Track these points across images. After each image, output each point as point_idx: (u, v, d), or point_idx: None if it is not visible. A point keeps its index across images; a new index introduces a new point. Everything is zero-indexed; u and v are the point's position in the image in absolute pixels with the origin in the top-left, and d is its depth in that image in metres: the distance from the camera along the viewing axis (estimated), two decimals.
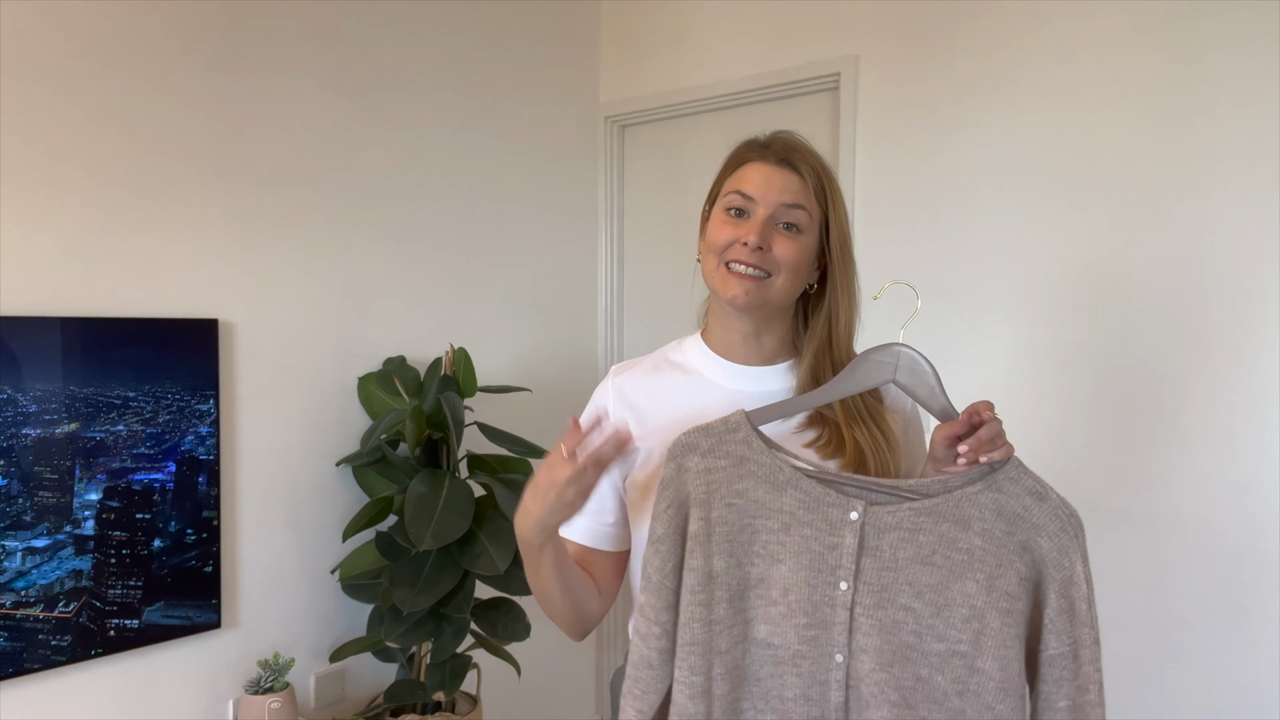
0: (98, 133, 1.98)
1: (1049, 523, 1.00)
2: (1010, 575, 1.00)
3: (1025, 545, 1.00)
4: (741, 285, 1.14)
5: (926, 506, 1.01)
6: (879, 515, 1.01)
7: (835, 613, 1.01)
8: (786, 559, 1.02)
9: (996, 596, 0.99)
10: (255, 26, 2.22)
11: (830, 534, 1.01)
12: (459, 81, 2.66)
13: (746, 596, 1.03)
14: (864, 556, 1.00)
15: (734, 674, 1.03)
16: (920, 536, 1.00)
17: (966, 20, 2.28)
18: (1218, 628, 1.98)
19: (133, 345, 1.98)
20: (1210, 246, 1.98)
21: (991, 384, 2.26)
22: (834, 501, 1.02)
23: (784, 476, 1.03)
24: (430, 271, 2.60)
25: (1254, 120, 1.92)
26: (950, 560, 1.00)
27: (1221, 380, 1.97)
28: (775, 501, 1.03)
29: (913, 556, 1.00)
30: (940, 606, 1.00)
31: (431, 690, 2.26)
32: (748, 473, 1.04)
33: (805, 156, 1.18)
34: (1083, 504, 2.12)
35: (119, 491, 1.97)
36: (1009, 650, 0.99)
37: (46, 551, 1.87)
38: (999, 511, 1.01)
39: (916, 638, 1.00)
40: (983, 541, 1.00)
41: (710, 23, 2.79)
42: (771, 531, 1.02)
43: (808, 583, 1.01)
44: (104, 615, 1.95)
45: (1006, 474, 1.02)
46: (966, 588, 1.00)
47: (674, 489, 1.04)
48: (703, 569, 1.02)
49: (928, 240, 2.35)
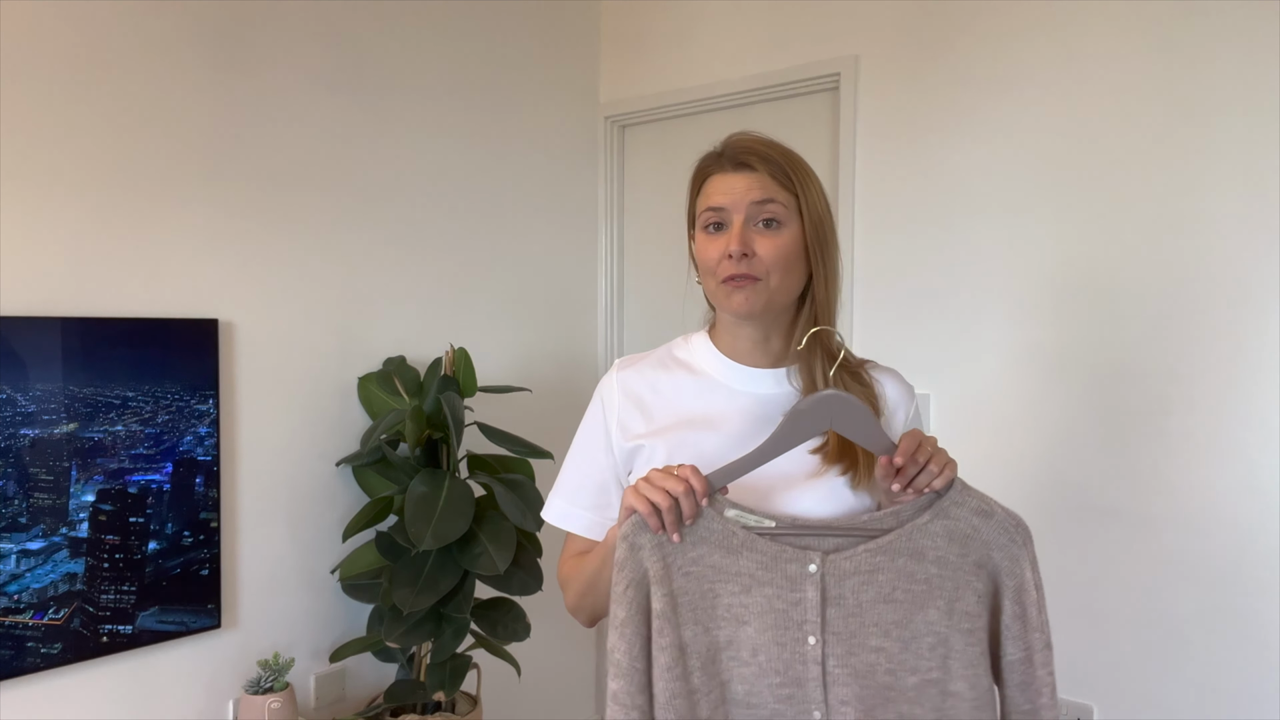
0: (98, 133, 1.98)
1: (998, 536, 1.04)
2: (968, 595, 1.03)
3: (979, 563, 1.03)
4: (740, 294, 1.14)
5: (881, 545, 1.03)
6: (837, 563, 1.02)
7: (807, 669, 1.01)
8: (751, 620, 1.02)
9: (958, 619, 1.02)
10: (255, 26, 2.22)
11: (791, 590, 1.02)
12: (459, 81, 2.66)
13: (719, 659, 1.03)
14: (828, 607, 1.02)
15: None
16: (879, 576, 1.02)
17: (966, 20, 2.28)
18: (1217, 628, 1.98)
19: (133, 345, 1.98)
20: (1210, 247, 1.97)
21: (990, 384, 2.27)
22: (791, 557, 1.02)
23: (737, 541, 1.03)
24: (430, 271, 2.60)
25: (1254, 120, 1.92)
26: (911, 593, 1.02)
27: (1220, 380, 1.97)
28: (733, 565, 1.03)
29: (875, 597, 1.02)
30: (908, 640, 1.02)
31: (431, 690, 2.26)
32: (700, 539, 1.03)
33: (759, 151, 1.17)
34: (1081, 504, 2.13)
35: (116, 493, 1.96)
36: (976, 668, 1.02)
37: (41, 554, 1.86)
38: (950, 536, 1.04)
39: (891, 676, 1.01)
40: (938, 569, 1.03)
41: (710, 23, 2.79)
42: (733, 594, 1.03)
43: (775, 641, 1.01)
44: (98, 620, 1.94)
45: (952, 498, 1.05)
46: (929, 616, 1.02)
47: (630, 569, 1.04)
48: (674, 644, 1.02)
49: (927, 240, 2.35)
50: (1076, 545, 2.15)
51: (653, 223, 3.03)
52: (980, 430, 2.26)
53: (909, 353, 2.33)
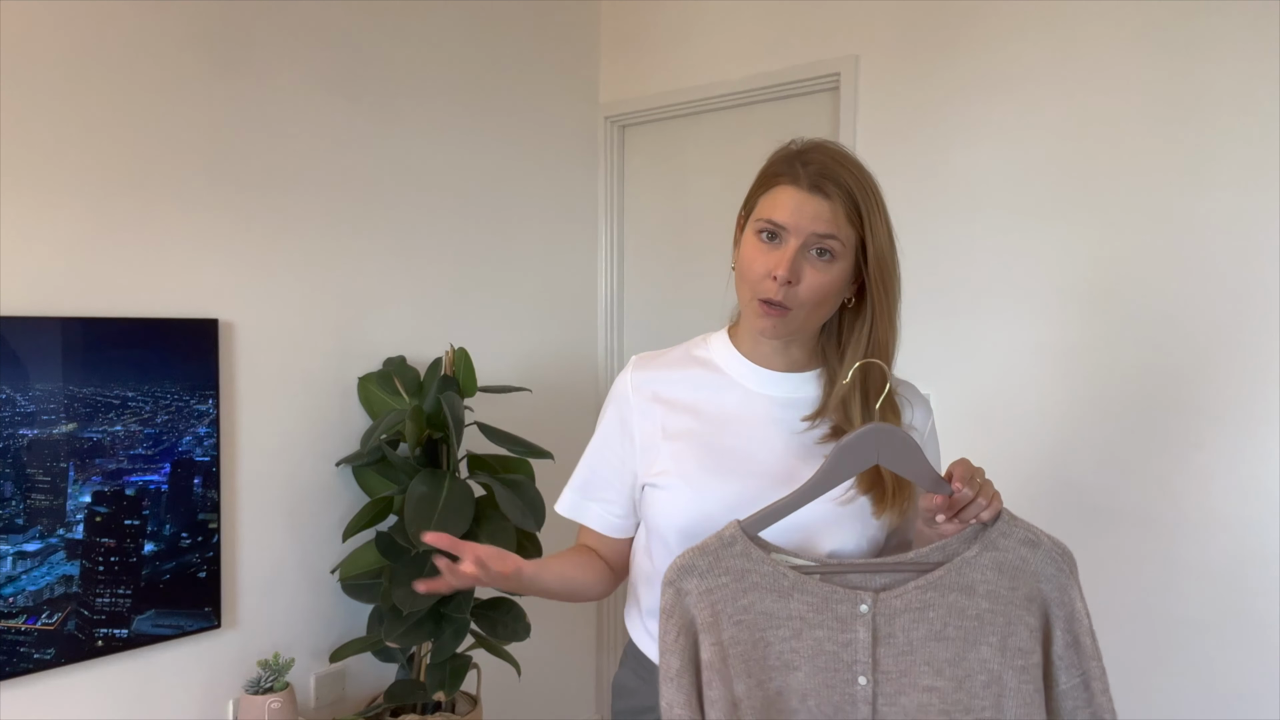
0: (98, 133, 1.98)
1: (1046, 567, 1.02)
2: (1021, 631, 1.01)
3: (1030, 596, 1.01)
4: (769, 319, 1.13)
5: (931, 580, 1.01)
6: (888, 602, 1.01)
7: (857, 709, 1.00)
8: (801, 665, 1.01)
9: (1010, 655, 1.00)
10: (255, 27, 2.22)
11: (842, 631, 1.01)
12: (459, 81, 2.66)
13: (771, 711, 1.01)
14: (879, 647, 1.00)
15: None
16: (930, 613, 1.01)
17: (966, 20, 2.28)
18: (1220, 628, 1.98)
19: (132, 345, 1.98)
20: (1212, 246, 1.97)
21: (991, 384, 2.27)
22: (842, 598, 1.01)
23: (788, 582, 1.02)
24: (430, 271, 2.60)
25: (1255, 120, 1.92)
26: (963, 630, 1.00)
27: (1225, 380, 1.97)
28: (783, 609, 1.01)
29: (926, 635, 1.00)
30: (961, 679, 1.00)
31: (431, 690, 2.26)
32: (751, 585, 1.02)
33: (840, 177, 1.14)
34: (1086, 504, 2.13)
35: (114, 494, 1.96)
36: (1030, 706, 0.99)
37: (38, 556, 1.85)
38: (999, 569, 1.02)
39: (945, 716, 1.00)
40: (989, 603, 1.01)
41: (710, 23, 2.79)
42: (784, 640, 1.01)
43: (825, 684, 1.00)
44: (93, 624, 1.93)
45: (999, 529, 1.03)
46: (982, 653, 1.00)
47: (678, 616, 1.01)
48: (725, 698, 0.99)
49: (928, 240, 2.35)
50: (1078, 545, 2.13)
51: (653, 223, 3.03)
52: (981, 430, 2.25)
53: (910, 353, 2.32)
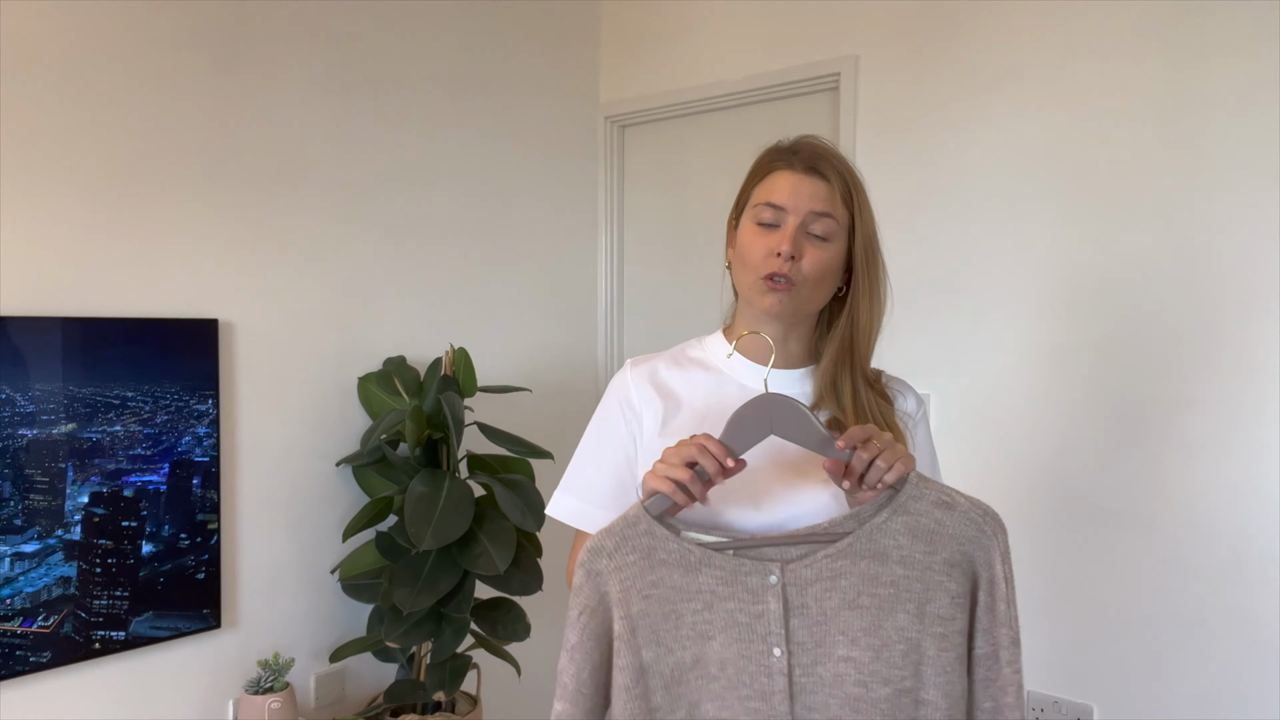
0: (98, 133, 1.98)
1: (966, 529, 0.99)
2: (940, 597, 0.99)
3: (951, 561, 0.99)
4: (776, 295, 1.15)
5: (841, 549, 1.00)
6: (797, 572, 1.00)
7: (773, 680, 0.99)
8: (716, 635, 1.01)
9: (930, 622, 0.98)
10: (255, 26, 2.22)
11: (753, 603, 1.00)
12: (459, 81, 2.66)
13: (685, 680, 1.02)
14: (791, 618, 0.99)
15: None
16: (842, 582, 0.99)
17: (966, 20, 2.28)
18: (1217, 628, 1.98)
19: (132, 345, 1.98)
20: (1211, 246, 1.98)
21: (992, 384, 2.27)
22: (750, 570, 1.00)
23: (695, 558, 1.02)
24: (430, 271, 2.60)
25: (1255, 120, 1.92)
26: (877, 598, 0.98)
27: (1222, 380, 1.97)
28: (692, 584, 1.02)
29: (840, 604, 0.99)
30: (878, 648, 0.98)
31: (431, 690, 2.26)
32: (658, 562, 1.02)
33: (832, 162, 1.18)
34: (1084, 505, 2.13)
35: (112, 494, 1.95)
36: (951, 674, 0.98)
37: (36, 557, 1.85)
38: (913, 533, 0.99)
39: (863, 688, 0.98)
40: (905, 570, 0.99)
41: (710, 23, 2.79)
42: (696, 612, 1.01)
43: (741, 655, 1.00)
44: (90, 626, 1.92)
45: (909, 492, 1.00)
46: (899, 621, 0.98)
47: (585, 594, 1.03)
48: (633, 665, 1.01)
49: (928, 240, 2.35)
50: (1078, 545, 2.15)
51: (653, 223, 3.03)
52: (981, 430, 2.25)
53: (910, 353, 2.33)
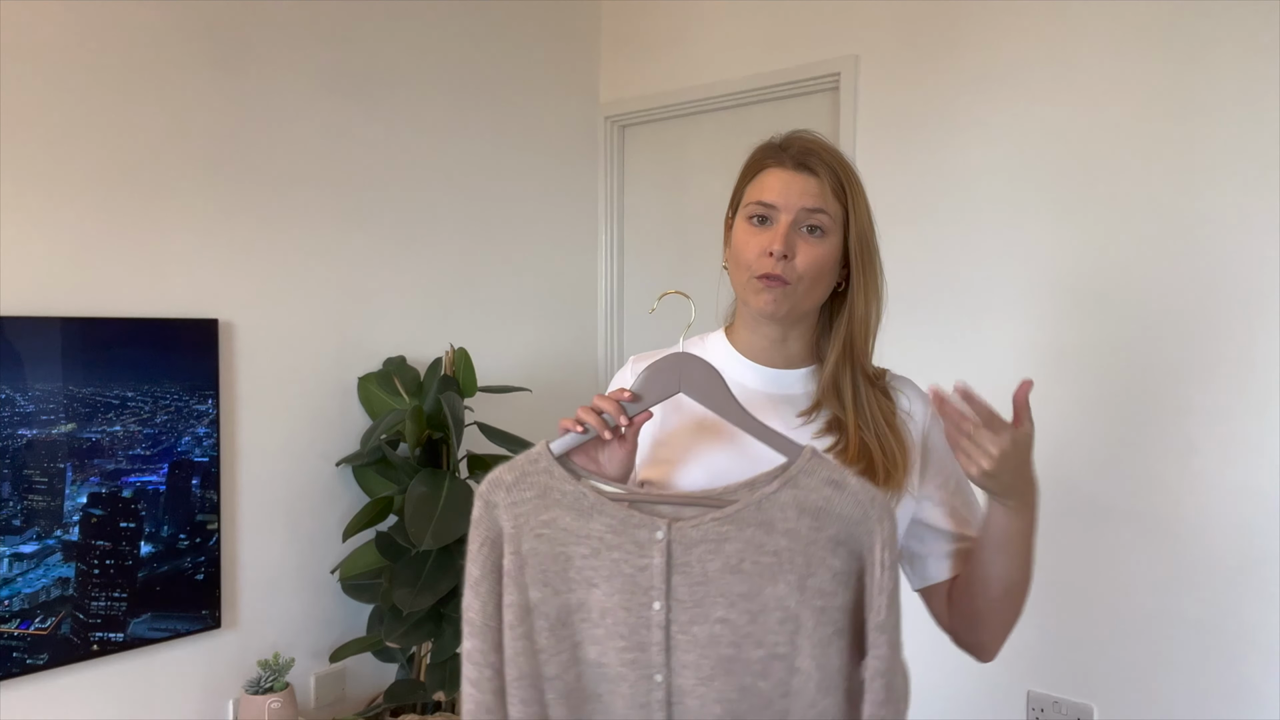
0: (98, 132, 1.98)
1: (853, 511, 1.00)
2: (822, 573, 0.99)
3: (838, 539, 1.00)
4: (770, 293, 1.14)
5: (729, 514, 1.01)
6: (684, 531, 1.01)
7: (651, 633, 1.01)
8: (600, 583, 1.02)
9: (809, 595, 0.99)
10: (255, 26, 2.22)
11: (639, 555, 1.02)
12: (459, 81, 2.66)
13: (570, 622, 1.04)
14: (674, 574, 1.01)
15: (573, 696, 1.04)
16: (727, 546, 1.00)
17: (966, 20, 2.28)
18: (1219, 628, 1.98)
19: (132, 345, 1.98)
20: (1211, 246, 1.97)
21: (991, 384, 2.26)
22: (640, 523, 1.02)
23: (588, 503, 1.03)
24: (430, 271, 2.60)
25: (1254, 120, 1.92)
26: (759, 565, 1.00)
27: (1222, 380, 1.97)
28: (583, 528, 1.03)
29: (722, 567, 1.00)
30: (755, 614, 1.00)
31: (431, 690, 2.26)
32: (553, 502, 1.04)
33: (822, 156, 1.16)
34: (1083, 504, 2.13)
35: (112, 495, 1.95)
36: (827, 648, 0.99)
37: (34, 558, 1.84)
38: (800, 508, 1.00)
39: (735, 649, 1.00)
40: (789, 542, 1.00)
41: (710, 23, 2.79)
42: (584, 557, 1.03)
43: (622, 605, 1.02)
44: (89, 628, 1.92)
45: (800, 466, 1.02)
46: (778, 590, 1.00)
47: (484, 527, 1.05)
48: (519, 603, 1.03)
49: (927, 240, 2.35)
50: (1078, 545, 2.15)
51: (653, 223, 3.03)
52: None
53: (910, 352, 2.32)
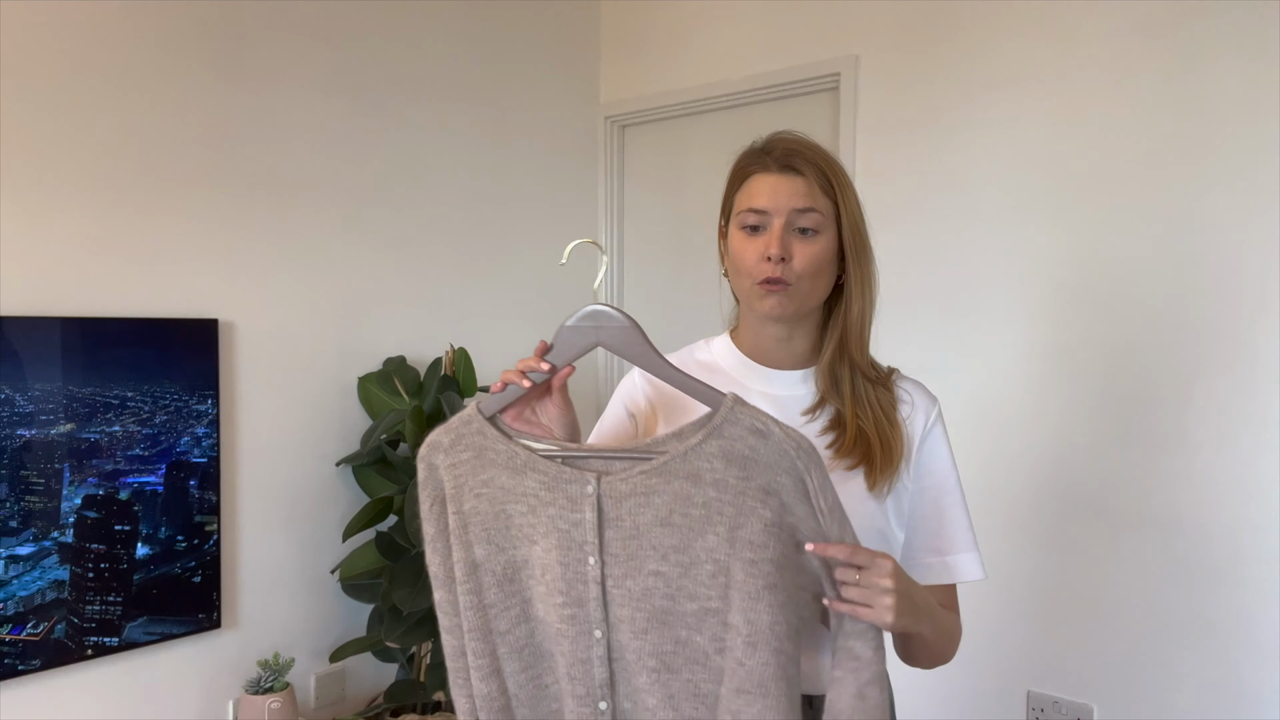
0: (98, 133, 1.98)
1: (779, 459, 0.97)
2: (753, 523, 0.97)
3: (767, 489, 0.97)
4: (774, 297, 1.15)
5: (656, 466, 0.99)
6: (613, 484, 1.00)
7: (588, 588, 1.00)
8: (539, 540, 1.02)
9: (740, 547, 0.97)
10: (255, 27, 2.22)
11: (572, 510, 1.01)
12: (459, 82, 2.66)
13: (518, 578, 1.05)
14: (606, 529, 1.00)
15: (525, 651, 1.06)
16: (655, 499, 0.99)
17: (967, 20, 2.28)
18: (1217, 627, 1.98)
19: (132, 345, 1.98)
20: (1210, 247, 1.97)
21: (991, 384, 2.27)
22: (571, 478, 1.01)
23: (521, 460, 1.03)
24: (430, 271, 2.60)
25: (1254, 120, 1.92)
26: (688, 518, 0.98)
27: (1222, 381, 1.96)
28: (519, 485, 1.03)
29: (652, 520, 0.99)
30: (687, 566, 0.98)
31: (431, 690, 2.25)
32: (489, 461, 1.04)
33: (806, 155, 1.17)
34: (1082, 504, 2.13)
35: (110, 495, 1.94)
36: (757, 602, 0.96)
37: (30, 560, 1.83)
38: (727, 457, 0.98)
39: (670, 600, 0.99)
40: (717, 493, 0.98)
41: (710, 23, 2.79)
42: (522, 515, 1.03)
43: (560, 561, 1.01)
44: (83, 632, 1.91)
45: (724, 415, 0.98)
46: (708, 542, 0.98)
47: (431, 487, 1.06)
48: (465, 559, 1.04)
49: (927, 240, 2.35)
50: (1077, 545, 2.15)
51: (653, 223, 3.03)
52: (981, 430, 2.25)
53: (910, 353, 2.32)
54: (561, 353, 1.07)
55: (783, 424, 0.98)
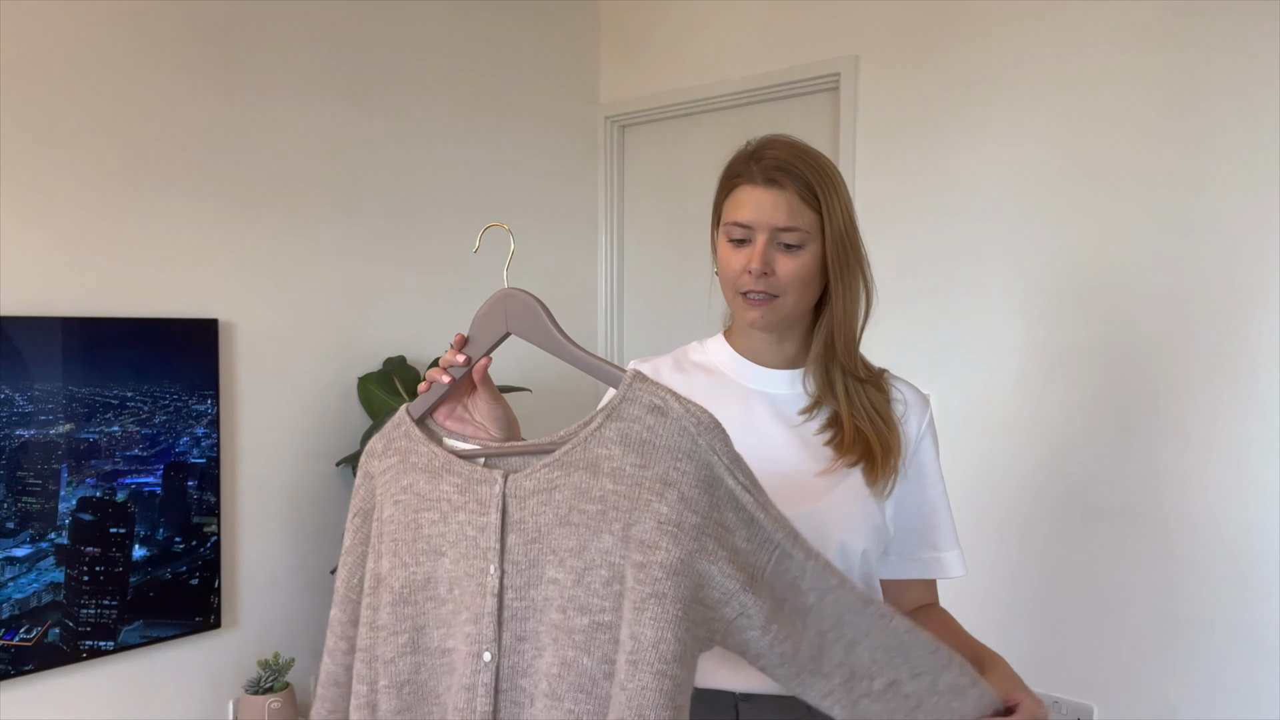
0: (98, 133, 1.98)
1: (680, 440, 0.84)
2: (645, 520, 0.82)
3: (665, 479, 0.83)
4: (757, 310, 1.16)
5: (558, 458, 0.87)
6: (518, 482, 0.88)
7: (485, 602, 0.87)
8: (448, 550, 0.90)
9: (632, 548, 0.82)
10: (255, 26, 2.22)
11: (480, 514, 0.89)
12: (459, 81, 2.66)
13: (415, 600, 0.91)
14: (509, 533, 0.87)
15: (407, 689, 0.91)
16: (556, 495, 0.86)
17: (966, 20, 2.28)
18: (1218, 627, 1.97)
19: (132, 345, 1.98)
20: (1210, 246, 1.97)
21: (991, 384, 2.26)
22: (482, 478, 0.89)
23: (439, 462, 0.92)
24: (430, 271, 2.60)
25: (1255, 120, 1.92)
26: (586, 514, 0.85)
27: (1222, 380, 1.96)
28: (434, 490, 0.92)
29: (553, 520, 0.86)
30: (581, 572, 0.84)
31: None
32: (411, 465, 0.94)
33: (790, 167, 1.16)
34: (1082, 504, 2.13)
35: (107, 496, 1.94)
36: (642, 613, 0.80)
37: (26, 562, 1.82)
38: (625, 442, 0.85)
39: (562, 614, 0.84)
40: (614, 484, 0.84)
41: (710, 23, 2.79)
42: (433, 524, 0.91)
43: (466, 573, 0.89)
44: (78, 636, 1.90)
45: (623, 393, 0.86)
46: (604, 543, 0.83)
47: (359, 498, 0.98)
48: (373, 571, 0.94)
49: (927, 240, 2.35)
50: (1077, 545, 2.14)
51: (653, 223, 3.03)
52: (980, 430, 2.25)
53: (910, 353, 2.33)
54: (478, 343, 1.01)
55: (684, 399, 0.86)
